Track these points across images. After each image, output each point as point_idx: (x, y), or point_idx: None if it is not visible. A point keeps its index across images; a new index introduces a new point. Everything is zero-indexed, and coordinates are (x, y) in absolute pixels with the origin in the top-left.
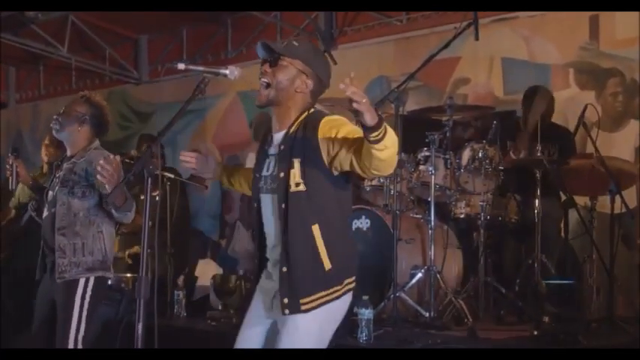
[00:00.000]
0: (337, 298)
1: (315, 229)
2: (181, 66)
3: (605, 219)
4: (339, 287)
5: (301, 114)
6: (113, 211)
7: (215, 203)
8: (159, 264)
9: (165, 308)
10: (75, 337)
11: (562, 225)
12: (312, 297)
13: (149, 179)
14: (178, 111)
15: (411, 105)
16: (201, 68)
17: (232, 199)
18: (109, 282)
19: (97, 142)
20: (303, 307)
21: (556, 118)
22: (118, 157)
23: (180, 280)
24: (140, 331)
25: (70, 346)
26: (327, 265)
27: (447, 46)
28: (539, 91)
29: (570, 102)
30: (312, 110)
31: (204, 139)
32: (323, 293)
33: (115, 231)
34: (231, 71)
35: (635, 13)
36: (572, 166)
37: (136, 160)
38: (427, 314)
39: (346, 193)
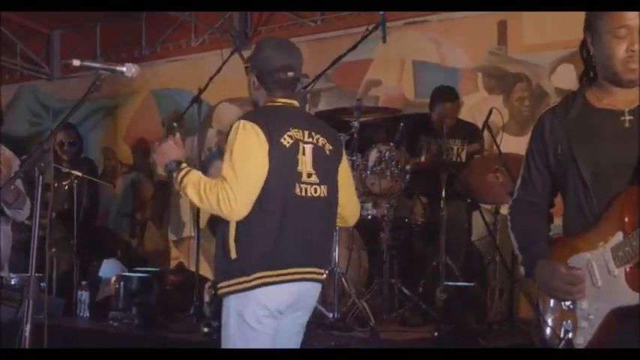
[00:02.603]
0: (247, 289)
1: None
2: (76, 62)
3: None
4: (246, 278)
5: None
6: (5, 208)
7: (126, 201)
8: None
9: (69, 308)
10: None
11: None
12: (223, 284)
13: (40, 176)
14: (72, 108)
15: (324, 106)
16: (97, 65)
17: (144, 198)
18: (13, 282)
19: None
20: (219, 292)
21: None
22: (7, 152)
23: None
24: (27, 333)
25: None
26: (233, 254)
27: (354, 48)
28: (445, 90)
29: (479, 106)
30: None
31: (115, 138)
32: (231, 282)
33: (10, 229)
34: (128, 68)
35: (543, 19)
36: (476, 169)
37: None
38: (331, 315)
39: (270, 191)
